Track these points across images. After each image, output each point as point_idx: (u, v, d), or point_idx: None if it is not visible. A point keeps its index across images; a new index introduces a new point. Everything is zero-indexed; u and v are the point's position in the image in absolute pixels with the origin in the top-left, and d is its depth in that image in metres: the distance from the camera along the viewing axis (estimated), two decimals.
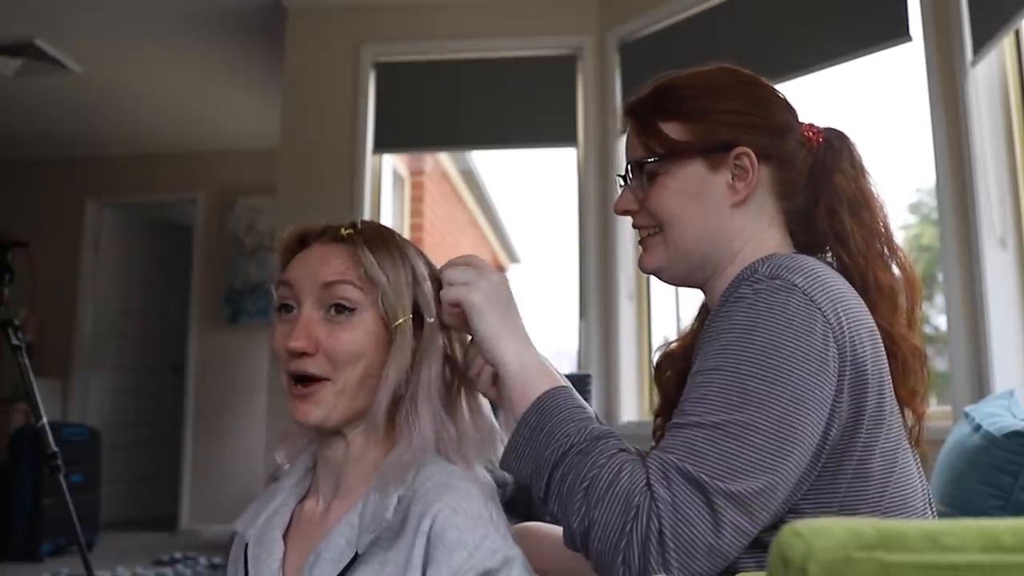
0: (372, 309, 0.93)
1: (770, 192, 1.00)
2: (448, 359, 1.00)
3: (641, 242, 1.05)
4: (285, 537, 0.96)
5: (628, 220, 1.08)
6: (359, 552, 0.87)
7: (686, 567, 0.77)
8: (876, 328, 0.91)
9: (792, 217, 1.02)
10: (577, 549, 0.85)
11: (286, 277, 0.95)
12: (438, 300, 0.97)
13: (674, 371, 1.10)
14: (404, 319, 0.93)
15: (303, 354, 0.91)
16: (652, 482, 0.80)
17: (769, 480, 0.80)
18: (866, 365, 0.87)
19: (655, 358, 1.15)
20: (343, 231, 0.97)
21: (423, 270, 0.97)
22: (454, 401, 1.00)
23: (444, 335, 1.00)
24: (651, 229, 1.02)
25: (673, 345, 1.13)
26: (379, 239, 0.96)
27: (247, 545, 0.97)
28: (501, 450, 0.99)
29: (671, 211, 0.99)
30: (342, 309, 0.92)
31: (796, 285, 0.86)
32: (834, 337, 0.85)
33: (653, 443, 1.12)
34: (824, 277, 0.89)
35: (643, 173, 1.01)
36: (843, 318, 0.86)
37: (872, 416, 0.87)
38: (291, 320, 0.93)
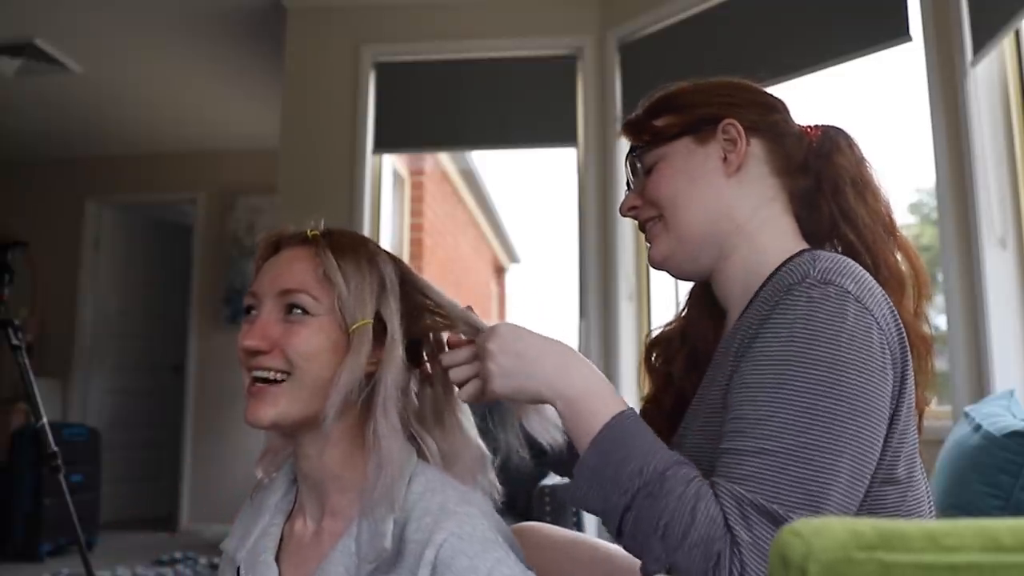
0: (330, 314, 0.93)
1: (766, 164, 1.01)
2: (428, 378, 1.00)
3: (646, 236, 1.05)
4: (278, 559, 0.94)
5: (628, 220, 1.09)
6: None
7: None
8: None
9: (795, 200, 1.02)
10: None
11: (253, 288, 0.96)
12: (418, 312, 0.98)
13: (667, 356, 1.10)
14: (362, 323, 0.92)
15: (260, 352, 0.91)
16: (731, 524, 0.78)
17: (847, 502, 0.80)
18: (909, 368, 0.87)
19: (645, 341, 1.15)
20: (309, 232, 0.98)
21: (394, 280, 0.97)
22: (439, 421, 0.99)
23: (425, 351, 1.00)
24: (653, 218, 1.03)
25: (664, 330, 1.13)
26: (347, 243, 0.97)
27: (239, 569, 0.95)
28: (492, 472, 0.99)
29: (668, 193, 1.00)
30: (299, 311, 0.93)
31: (849, 292, 0.84)
32: (887, 344, 0.85)
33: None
34: (866, 279, 0.88)
35: (640, 167, 1.03)
36: (890, 322, 0.86)
37: (904, 419, 0.87)
38: (252, 321, 0.94)
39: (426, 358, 1.01)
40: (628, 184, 1.08)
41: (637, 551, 0.83)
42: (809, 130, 1.04)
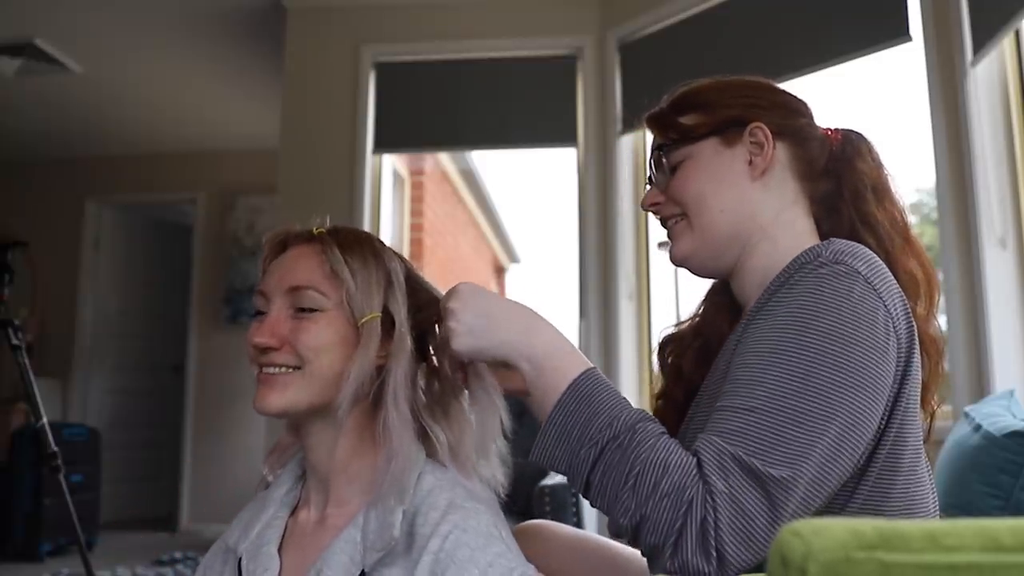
0: (339, 310, 0.94)
1: (789, 169, 1.01)
2: (435, 371, 1.00)
3: (668, 233, 1.06)
4: (280, 551, 0.95)
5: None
6: (366, 571, 0.86)
7: (742, 558, 0.76)
8: None
9: (816, 203, 1.03)
10: (626, 541, 0.84)
11: (261, 288, 0.97)
12: (417, 313, 0.98)
13: (679, 351, 1.11)
14: (371, 317, 0.93)
15: (270, 349, 0.92)
16: (707, 472, 0.78)
17: (829, 468, 0.80)
18: (914, 357, 0.88)
19: (659, 339, 1.15)
20: (315, 230, 0.99)
21: (400, 274, 0.98)
22: (446, 413, 0.99)
23: (431, 342, 1.01)
24: (676, 216, 1.03)
25: (678, 327, 1.13)
26: (353, 239, 0.98)
27: (240, 560, 0.95)
28: (496, 464, 0.98)
29: (693, 192, 1.01)
30: (308, 307, 0.93)
31: (859, 272, 0.86)
32: (894, 327, 0.85)
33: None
34: (879, 265, 0.89)
35: (665, 163, 1.03)
36: (900, 309, 0.87)
37: (911, 408, 0.88)
38: (262, 319, 0.95)
39: (432, 351, 1.01)
40: (649, 179, 1.08)
41: (606, 506, 0.83)
42: (830, 133, 1.05)
